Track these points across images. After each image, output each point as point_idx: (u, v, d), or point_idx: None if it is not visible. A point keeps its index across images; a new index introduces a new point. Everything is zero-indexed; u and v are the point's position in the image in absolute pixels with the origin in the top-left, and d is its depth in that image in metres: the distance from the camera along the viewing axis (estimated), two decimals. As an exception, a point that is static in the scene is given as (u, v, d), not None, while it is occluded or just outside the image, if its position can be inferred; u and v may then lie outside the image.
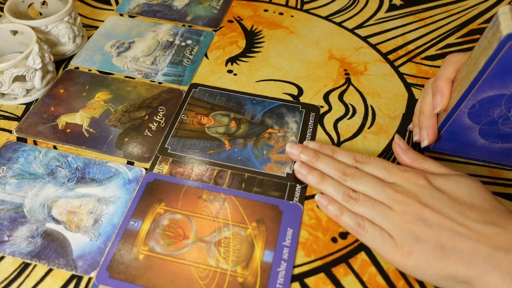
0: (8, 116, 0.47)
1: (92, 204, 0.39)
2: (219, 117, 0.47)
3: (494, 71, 0.32)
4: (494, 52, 0.31)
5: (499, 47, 0.31)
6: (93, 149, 0.44)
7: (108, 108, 0.48)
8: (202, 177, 0.42)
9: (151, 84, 0.51)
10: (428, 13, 0.62)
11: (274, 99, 0.49)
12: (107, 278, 0.35)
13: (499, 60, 0.32)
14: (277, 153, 0.44)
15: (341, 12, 0.62)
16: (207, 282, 0.34)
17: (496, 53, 0.31)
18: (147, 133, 0.45)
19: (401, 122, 0.47)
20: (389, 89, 0.51)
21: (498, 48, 0.31)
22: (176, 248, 0.37)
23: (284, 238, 0.37)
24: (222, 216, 0.39)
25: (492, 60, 0.32)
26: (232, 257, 0.36)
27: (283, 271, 0.35)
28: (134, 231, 0.38)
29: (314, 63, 0.54)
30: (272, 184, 0.41)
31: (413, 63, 0.54)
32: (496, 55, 0.31)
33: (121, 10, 0.62)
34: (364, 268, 0.36)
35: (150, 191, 0.40)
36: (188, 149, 0.44)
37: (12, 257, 0.36)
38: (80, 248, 0.36)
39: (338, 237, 0.38)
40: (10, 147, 0.44)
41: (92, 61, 0.54)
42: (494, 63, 0.32)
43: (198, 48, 0.56)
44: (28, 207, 0.39)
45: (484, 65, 0.33)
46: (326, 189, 0.38)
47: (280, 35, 0.58)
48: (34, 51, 0.46)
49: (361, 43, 0.57)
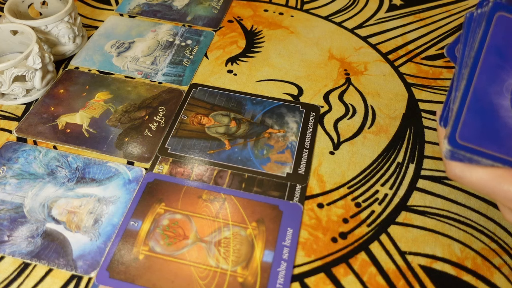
0: (8, 116, 0.47)
1: (92, 204, 0.39)
2: (219, 117, 0.47)
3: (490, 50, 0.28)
4: (484, 30, 0.28)
5: (488, 21, 0.27)
6: (93, 149, 0.44)
7: (108, 108, 0.48)
8: (202, 177, 0.42)
9: (151, 84, 0.51)
10: (428, 13, 0.62)
11: (274, 99, 0.49)
12: (107, 278, 0.35)
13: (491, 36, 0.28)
14: (277, 153, 0.44)
15: (341, 12, 0.62)
16: (207, 282, 0.34)
17: (486, 29, 0.28)
18: (147, 133, 0.45)
19: (401, 122, 0.47)
20: (389, 89, 0.51)
21: (487, 24, 0.27)
22: (176, 248, 0.37)
23: (284, 238, 0.37)
24: (222, 216, 0.39)
25: (483, 40, 0.28)
26: (232, 257, 0.36)
27: (283, 271, 0.35)
28: (134, 231, 0.38)
29: (314, 63, 0.54)
30: (272, 184, 0.41)
31: (413, 63, 0.54)
32: (486, 31, 0.28)
33: (121, 10, 0.62)
34: (364, 268, 0.36)
35: (150, 191, 0.40)
36: (188, 149, 0.44)
37: (12, 257, 0.36)
38: (80, 248, 0.36)
39: (338, 237, 0.38)
40: (10, 147, 0.44)
41: (92, 61, 0.54)
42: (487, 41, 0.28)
43: (198, 48, 0.56)
44: (28, 207, 0.39)
45: (478, 49, 0.28)
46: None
47: (280, 35, 0.58)
48: (34, 51, 0.46)
49: (361, 43, 0.57)
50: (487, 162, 0.28)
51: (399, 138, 0.46)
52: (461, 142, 0.28)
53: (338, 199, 0.40)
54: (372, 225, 0.39)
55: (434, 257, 0.37)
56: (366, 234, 0.38)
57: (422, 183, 0.42)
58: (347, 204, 0.40)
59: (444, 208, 0.40)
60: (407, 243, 0.37)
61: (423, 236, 0.38)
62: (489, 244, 0.37)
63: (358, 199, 0.40)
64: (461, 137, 0.28)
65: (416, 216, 0.39)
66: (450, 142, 0.28)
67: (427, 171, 0.43)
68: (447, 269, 0.36)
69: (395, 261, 0.36)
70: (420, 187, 0.42)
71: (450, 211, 0.40)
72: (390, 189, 0.41)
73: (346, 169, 0.43)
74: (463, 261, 0.36)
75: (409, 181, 0.42)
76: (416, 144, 0.45)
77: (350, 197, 0.41)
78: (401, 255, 0.37)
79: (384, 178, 0.42)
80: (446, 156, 0.29)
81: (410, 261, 0.36)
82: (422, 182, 0.42)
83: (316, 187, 0.41)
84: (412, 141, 0.45)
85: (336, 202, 0.40)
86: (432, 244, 0.37)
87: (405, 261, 0.36)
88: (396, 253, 0.37)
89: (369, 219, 0.39)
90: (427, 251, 0.37)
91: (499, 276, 0.36)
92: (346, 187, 0.41)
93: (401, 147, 0.45)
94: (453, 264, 0.36)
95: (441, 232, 0.38)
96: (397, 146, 0.45)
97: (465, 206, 0.40)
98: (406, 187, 0.41)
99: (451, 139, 0.28)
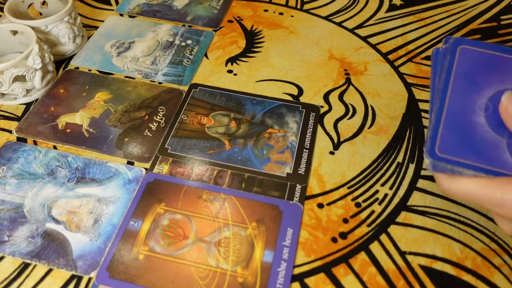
0: (8, 116, 0.47)
1: (92, 204, 0.39)
2: (219, 117, 0.47)
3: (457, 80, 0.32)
4: (449, 63, 0.32)
5: (453, 53, 0.32)
6: (93, 149, 0.44)
7: (108, 108, 0.48)
8: (202, 177, 0.42)
9: (151, 84, 0.51)
10: (428, 13, 0.62)
11: (274, 99, 0.49)
12: (107, 278, 0.35)
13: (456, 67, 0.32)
14: (277, 153, 0.44)
15: (341, 12, 0.62)
16: (207, 282, 0.34)
17: (451, 62, 0.32)
18: (147, 133, 0.45)
19: (401, 122, 0.47)
20: (389, 89, 0.51)
21: (452, 55, 0.32)
22: (176, 248, 0.37)
23: (284, 238, 0.37)
24: (222, 216, 0.39)
25: (449, 72, 0.32)
26: (232, 257, 0.36)
27: (283, 271, 0.35)
28: (134, 231, 0.38)
29: (314, 63, 0.54)
30: (272, 184, 0.41)
31: (413, 63, 0.54)
32: (452, 61, 0.32)
33: (121, 10, 0.62)
34: (364, 268, 0.36)
35: (150, 191, 0.40)
36: (188, 149, 0.44)
37: (12, 257, 0.36)
38: (80, 248, 0.36)
39: (338, 237, 0.38)
40: (10, 147, 0.44)
41: (92, 61, 0.54)
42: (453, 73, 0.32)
43: (198, 48, 0.56)
44: (28, 207, 0.39)
45: (445, 80, 0.32)
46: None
47: (280, 35, 0.58)
48: (34, 51, 0.46)
49: (361, 43, 0.57)
50: (469, 173, 0.30)
51: (399, 138, 0.46)
52: (441, 155, 0.30)
53: (338, 199, 0.40)
54: (372, 225, 0.39)
55: (434, 257, 0.37)
56: (366, 234, 0.38)
57: (422, 183, 0.42)
58: (347, 204, 0.40)
59: (444, 208, 0.40)
60: (407, 243, 0.37)
61: (423, 236, 0.38)
62: (489, 244, 0.37)
63: (358, 199, 0.40)
64: (441, 150, 0.30)
65: (416, 216, 0.39)
66: (430, 155, 0.30)
67: (427, 171, 0.43)
68: (447, 269, 0.36)
69: (395, 261, 0.36)
70: (420, 187, 0.42)
71: (450, 211, 0.40)
72: (390, 189, 0.41)
73: (346, 169, 0.43)
74: (463, 261, 0.36)
75: (409, 181, 0.42)
76: (416, 144, 0.45)
77: (350, 197, 0.41)
78: (401, 255, 0.37)
79: (384, 178, 0.42)
80: (429, 169, 0.31)
81: (410, 261, 0.36)
82: (422, 182, 0.42)
83: (316, 187, 0.41)
84: (412, 141, 0.45)
85: (336, 202, 0.40)
86: (432, 244, 0.37)
87: (405, 261, 0.36)
88: (396, 253, 0.37)
89: (369, 219, 0.39)
90: (427, 251, 0.37)
91: (499, 276, 0.36)
92: (346, 187, 0.41)
93: (401, 147, 0.45)
94: (453, 264, 0.36)
95: (441, 232, 0.38)
96: (397, 146, 0.45)
97: (465, 206, 0.40)
98: (406, 187, 0.42)
99: (431, 152, 0.30)
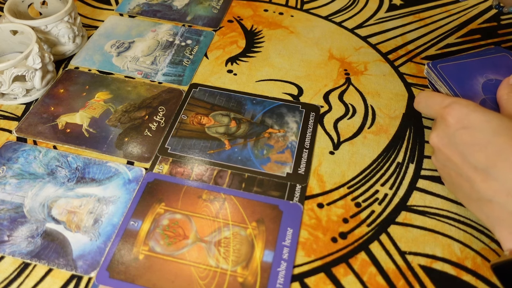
0: (8, 116, 0.47)
1: (92, 204, 0.39)
2: (219, 117, 0.47)
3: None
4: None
5: (435, 70, 0.41)
6: (93, 149, 0.44)
7: (108, 108, 0.48)
8: (202, 177, 0.42)
9: (151, 84, 0.51)
10: (428, 13, 0.62)
11: (274, 99, 0.49)
12: (107, 278, 0.35)
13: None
14: (277, 153, 0.44)
15: (341, 12, 0.62)
16: (207, 282, 0.34)
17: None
18: (147, 133, 0.45)
19: (401, 122, 0.47)
20: (389, 89, 0.51)
21: (437, 72, 0.41)
22: (176, 248, 0.37)
23: (284, 238, 0.37)
24: (222, 216, 0.39)
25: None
26: (232, 257, 0.36)
27: (283, 271, 0.35)
28: (134, 231, 0.38)
29: (314, 63, 0.54)
30: (272, 184, 0.41)
31: (413, 63, 0.54)
32: (441, 75, 0.42)
33: (121, 10, 0.62)
34: (364, 268, 0.36)
35: (150, 191, 0.40)
36: (188, 149, 0.44)
37: (12, 257, 0.36)
38: (80, 248, 0.36)
39: (338, 237, 0.38)
40: (10, 147, 0.44)
41: (92, 61, 0.54)
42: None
43: (198, 48, 0.56)
44: (28, 207, 0.39)
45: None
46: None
47: (280, 35, 0.58)
48: (34, 51, 0.46)
49: (361, 43, 0.57)
50: (445, 90, 0.41)
51: (399, 138, 0.46)
52: (438, 68, 0.42)
53: (338, 199, 0.40)
54: (372, 225, 0.39)
55: (434, 257, 0.37)
56: (366, 234, 0.38)
57: (422, 183, 0.42)
58: (347, 204, 0.40)
59: (444, 208, 0.40)
60: (407, 243, 0.37)
61: (423, 236, 0.38)
62: (489, 244, 0.37)
63: (358, 199, 0.40)
64: (440, 67, 0.42)
65: (416, 216, 0.39)
66: (432, 63, 0.42)
67: (427, 171, 0.43)
68: (447, 269, 0.36)
69: (395, 261, 0.36)
70: (420, 187, 0.42)
71: (450, 211, 0.40)
72: (390, 189, 0.41)
73: (346, 169, 0.43)
74: (463, 261, 0.36)
75: (409, 181, 0.42)
76: (416, 144, 0.45)
77: (350, 197, 0.41)
78: (401, 255, 0.37)
79: (384, 178, 0.42)
80: (425, 73, 0.43)
81: (410, 261, 0.36)
82: (422, 182, 0.42)
83: (316, 187, 0.41)
84: (412, 141, 0.45)
85: (336, 202, 0.40)
86: (432, 244, 0.37)
87: (405, 261, 0.36)
88: (396, 253, 0.37)
89: (369, 219, 0.39)
90: (427, 251, 0.37)
91: (499, 276, 0.36)
92: (346, 187, 0.41)
93: (401, 147, 0.45)
94: (453, 264, 0.36)
95: (441, 232, 0.38)
96: (397, 146, 0.45)
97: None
98: (406, 187, 0.42)
99: (434, 63, 0.42)
